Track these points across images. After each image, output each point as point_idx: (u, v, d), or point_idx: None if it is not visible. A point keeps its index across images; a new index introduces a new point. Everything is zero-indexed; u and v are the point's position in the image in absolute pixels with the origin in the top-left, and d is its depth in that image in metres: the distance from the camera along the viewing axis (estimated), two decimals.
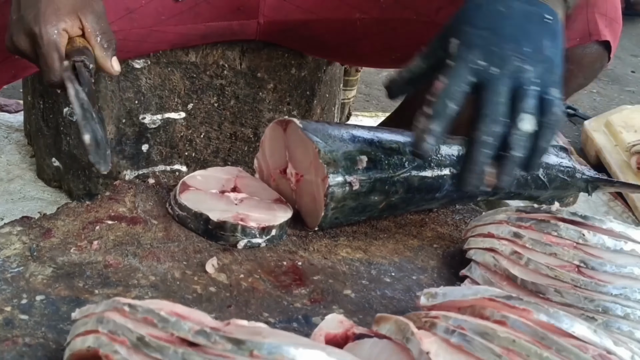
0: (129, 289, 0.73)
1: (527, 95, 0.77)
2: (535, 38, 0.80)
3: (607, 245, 0.78)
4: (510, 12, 0.80)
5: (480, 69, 0.77)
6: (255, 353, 0.50)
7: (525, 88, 0.77)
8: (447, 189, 0.96)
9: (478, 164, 0.77)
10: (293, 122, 0.92)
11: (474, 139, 0.77)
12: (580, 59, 1.08)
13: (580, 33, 1.06)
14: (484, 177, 0.78)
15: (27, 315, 0.66)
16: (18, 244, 0.77)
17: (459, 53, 0.78)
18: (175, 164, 1.42)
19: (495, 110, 0.76)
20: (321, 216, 0.89)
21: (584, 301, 0.75)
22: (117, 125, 1.32)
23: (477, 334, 0.59)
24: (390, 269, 0.87)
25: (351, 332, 0.65)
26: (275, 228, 0.88)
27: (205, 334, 0.51)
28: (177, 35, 1.19)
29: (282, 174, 0.96)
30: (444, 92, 0.77)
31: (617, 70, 2.80)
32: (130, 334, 0.52)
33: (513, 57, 0.78)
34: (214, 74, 1.35)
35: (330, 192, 0.87)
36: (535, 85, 0.78)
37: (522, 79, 0.78)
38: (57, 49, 0.85)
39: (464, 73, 0.77)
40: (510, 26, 0.80)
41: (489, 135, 0.76)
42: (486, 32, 0.79)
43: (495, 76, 0.77)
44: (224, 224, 0.85)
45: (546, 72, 0.79)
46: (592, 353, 0.59)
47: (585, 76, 1.12)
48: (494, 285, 0.80)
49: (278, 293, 0.78)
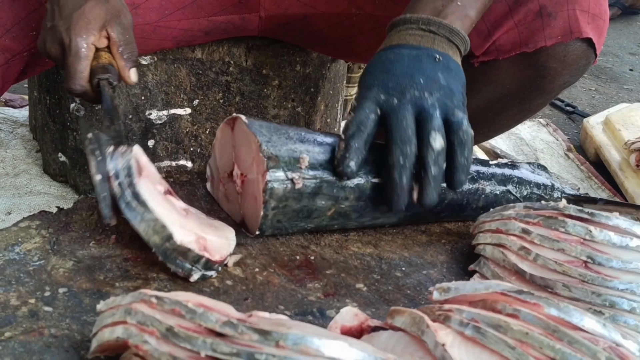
0: (148, 282, 0.75)
1: (431, 117, 0.84)
2: (429, 73, 0.87)
3: (614, 242, 0.80)
4: (400, 57, 0.88)
5: (381, 101, 0.85)
6: (281, 343, 0.51)
7: (428, 111, 0.84)
8: None
9: (398, 186, 0.83)
10: (239, 119, 0.87)
11: (389, 164, 0.83)
12: (563, 57, 1.09)
13: (561, 31, 1.07)
14: (408, 197, 0.83)
15: (51, 307, 0.68)
16: (38, 237, 0.78)
17: (360, 95, 0.87)
18: (181, 160, 1.43)
19: (404, 132, 0.83)
20: (261, 216, 0.83)
21: (591, 296, 0.77)
22: (123, 121, 1.33)
23: (491, 326, 0.61)
24: (400, 263, 0.89)
25: (366, 324, 0.67)
26: (230, 256, 0.82)
27: (232, 324, 0.53)
28: (181, 32, 1.20)
29: (229, 177, 0.92)
30: (353, 121, 0.84)
31: (615, 68, 2.82)
32: (159, 325, 0.53)
33: (410, 88, 0.85)
34: (220, 71, 1.36)
35: (270, 187, 0.82)
36: (436, 108, 0.84)
37: (423, 105, 0.84)
38: (83, 61, 0.89)
39: (368, 104, 0.85)
40: (402, 67, 0.87)
41: (403, 157, 0.82)
42: (381, 75, 0.87)
43: (397, 105, 0.84)
44: (189, 251, 0.75)
45: (445, 98, 0.86)
46: (602, 345, 0.60)
47: (570, 73, 1.12)
48: (503, 280, 0.82)
49: (292, 287, 0.80)
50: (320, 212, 0.87)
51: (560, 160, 1.94)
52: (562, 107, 2.35)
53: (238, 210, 0.90)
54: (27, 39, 1.05)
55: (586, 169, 1.89)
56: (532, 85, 1.13)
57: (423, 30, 0.90)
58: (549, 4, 1.06)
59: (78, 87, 0.89)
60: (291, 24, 1.26)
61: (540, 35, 1.07)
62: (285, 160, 0.83)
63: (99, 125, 0.84)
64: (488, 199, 1.00)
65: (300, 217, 0.86)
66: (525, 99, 1.17)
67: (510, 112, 1.22)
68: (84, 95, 0.92)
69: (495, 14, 1.09)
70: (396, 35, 0.91)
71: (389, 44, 0.91)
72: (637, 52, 3.07)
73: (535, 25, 1.07)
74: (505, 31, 1.09)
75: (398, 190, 0.83)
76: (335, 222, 0.90)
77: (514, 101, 1.18)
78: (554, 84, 1.12)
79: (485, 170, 1.00)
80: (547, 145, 2.02)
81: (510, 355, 0.59)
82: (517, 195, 1.03)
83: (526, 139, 2.03)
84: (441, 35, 0.90)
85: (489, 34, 1.10)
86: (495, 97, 1.18)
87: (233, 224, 0.89)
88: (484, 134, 1.33)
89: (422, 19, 0.90)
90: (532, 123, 2.14)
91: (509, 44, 1.10)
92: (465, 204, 0.98)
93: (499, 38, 1.10)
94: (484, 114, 1.20)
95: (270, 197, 0.82)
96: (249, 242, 0.87)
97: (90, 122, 1.02)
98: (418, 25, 0.91)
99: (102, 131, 0.81)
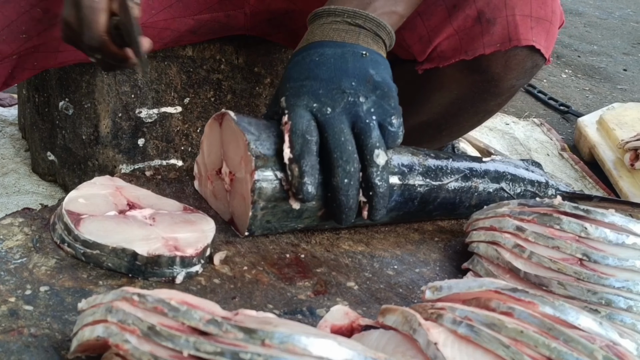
0: (132, 281, 0.73)
1: (370, 129, 0.80)
2: (359, 71, 0.83)
3: (610, 239, 0.79)
4: (325, 59, 0.84)
5: (314, 110, 0.80)
6: (267, 342, 0.49)
7: (364, 121, 0.80)
8: (396, 199, 0.90)
9: (346, 207, 0.80)
10: (227, 115, 0.85)
11: (334, 185, 0.79)
12: (505, 63, 1.05)
13: (500, 38, 1.03)
14: (355, 213, 0.81)
15: (31, 306, 0.66)
16: (20, 235, 0.76)
17: (290, 104, 0.81)
18: (172, 159, 1.41)
19: (344, 148, 0.79)
20: (249, 216, 0.81)
21: (586, 294, 0.75)
22: (113, 119, 1.32)
23: (485, 325, 0.60)
24: (392, 261, 0.87)
25: (357, 323, 0.65)
26: (209, 247, 0.79)
27: (217, 323, 0.51)
28: (168, 32, 1.19)
29: (218, 174, 0.90)
30: (296, 131, 0.79)
31: (609, 68, 2.81)
32: (140, 323, 0.51)
33: (343, 94, 0.81)
34: (211, 69, 1.34)
35: (258, 187, 0.79)
36: (373, 115, 0.81)
37: (358, 112, 0.80)
38: (98, 12, 0.87)
39: (302, 112, 0.80)
40: (329, 70, 0.83)
41: (348, 178, 0.79)
42: (308, 82, 0.82)
43: (331, 116, 0.80)
44: (159, 258, 0.73)
45: (382, 99, 0.82)
46: (599, 344, 0.59)
47: (516, 77, 1.07)
48: (497, 278, 0.81)
49: (282, 285, 0.78)
50: (311, 212, 0.84)
51: (554, 160, 1.93)
52: (556, 106, 2.34)
53: (227, 209, 0.88)
54: (16, 42, 1.03)
55: (580, 168, 1.88)
56: (480, 90, 1.10)
57: (348, 23, 0.86)
58: (487, 10, 1.02)
59: (95, 39, 0.87)
60: (276, 20, 1.24)
61: (479, 42, 1.03)
62: (274, 160, 0.80)
63: None
64: (481, 197, 0.99)
65: (291, 218, 0.84)
66: (476, 102, 1.14)
67: (467, 115, 1.19)
68: (103, 49, 0.89)
69: (435, 19, 1.06)
70: (319, 30, 0.87)
71: (312, 40, 0.87)
72: (630, 52, 3.07)
73: (474, 31, 1.04)
74: (446, 37, 1.06)
75: (346, 211, 0.80)
76: (326, 223, 0.88)
77: (467, 104, 1.14)
78: (500, 87, 1.09)
79: (478, 167, 0.98)
80: (541, 145, 2.00)
81: (504, 354, 0.57)
82: (511, 193, 1.01)
83: (520, 139, 2.02)
84: (367, 29, 0.87)
85: (430, 39, 1.07)
86: (446, 102, 1.15)
87: (222, 223, 0.87)
88: (449, 135, 1.30)
89: (348, 11, 0.87)
90: (526, 122, 2.13)
91: (450, 51, 1.06)
92: (458, 202, 0.96)
93: (440, 44, 1.07)
94: (442, 117, 1.18)
95: (259, 197, 0.80)
96: (238, 240, 0.85)
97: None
98: (343, 17, 0.87)
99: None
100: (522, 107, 2.26)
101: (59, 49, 1.10)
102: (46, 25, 1.05)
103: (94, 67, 1.28)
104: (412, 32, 1.07)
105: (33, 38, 1.05)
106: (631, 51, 3.08)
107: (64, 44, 0.95)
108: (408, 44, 1.10)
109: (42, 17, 1.04)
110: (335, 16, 0.87)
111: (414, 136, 0.99)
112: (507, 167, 1.03)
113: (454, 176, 0.95)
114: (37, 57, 1.09)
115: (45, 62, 1.11)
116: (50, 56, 1.11)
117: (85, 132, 1.34)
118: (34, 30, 1.04)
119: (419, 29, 1.06)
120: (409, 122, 0.86)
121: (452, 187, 0.94)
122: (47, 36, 1.06)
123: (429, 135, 1.24)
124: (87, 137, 1.34)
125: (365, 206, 0.81)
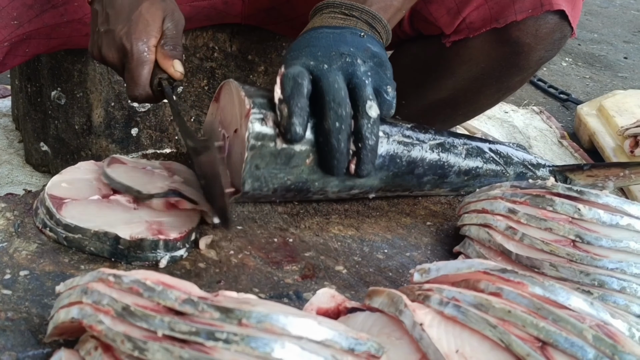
0: (115, 265, 0.71)
1: (364, 85, 0.80)
2: (357, 43, 0.84)
3: (603, 220, 0.77)
4: (324, 35, 0.85)
5: (311, 66, 0.81)
6: (244, 322, 0.48)
7: (360, 78, 0.80)
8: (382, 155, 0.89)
9: (338, 151, 0.79)
10: (223, 85, 0.87)
11: (325, 129, 0.79)
12: (536, 31, 1.06)
13: (531, 4, 1.04)
14: (347, 161, 0.80)
15: (10, 291, 0.65)
16: (2, 220, 0.75)
17: (287, 64, 0.82)
18: (165, 148, 1.40)
19: (337, 93, 0.79)
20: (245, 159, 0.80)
21: (579, 275, 0.74)
22: (106, 109, 1.31)
23: (472, 305, 0.58)
24: (383, 246, 0.86)
25: (343, 306, 0.64)
26: (194, 231, 0.78)
27: (193, 302, 0.49)
28: None
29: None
30: (288, 74, 0.79)
31: (609, 56, 2.79)
32: (115, 304, 0.50)
33: (340, 55, 0.82)
34: (204, 57, 1.33)
35: (252, 126, 0.79)
36: (369, 78, 0.81)
37: (355, 71, 0.81)
38: (146, 66, 0.87)
39: (297, 66, 0.80)
40: (327, 40, 0.84)
41: (339, 120, 0.78)
42: (306, 49, 0.84)
43: (327, 69, 0.81)
44: (142, 242, 0.72)
45: (378, 67, 0.83)
46: (589, 323, 0.57)
47: (545, 48, 1.09)
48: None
49: (269, 269, 0.77)
50: (299, 158, 0.83)
51: (553, 148, 1.91)
52: (555, 94, 2.32)
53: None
54: (7, 29, 1.02)
55: (580, 156, 1.87)
56: (508, 63, 1.11)
57: (345, 15, 0.89)
58: None
59: (142, 93, 0.87)
60: (275, 9, 1.22)
61: (511, 10, 1.05)
62: (265, 105, 0.81)
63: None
64: (471, 164, 0.98)
65: (279, 164, 0.82)
66: (502, 77, 1.15)
67: (489, 91, 1.19)
68: (147, 100, 0.90)
69: None
70: (318, 19, 0.89)
71: (311, 26, 0.89)
72: (631, 40, 3.05)
73: (504, 0, 1.05)
74: (475, 7, 1.06)
75: (337, 156, 0.80)
76: (315, 178, 0.85)
77: (491, 80, 1.15)
78: (529, 60, 1.10)
79: (469, 141, 0.99)
80: (541, 133, 1.99)
81: (491, 335, 0.56)
82: (501, 162, 1.01)
83: (519, 127, 2.00)
84: (363, 21, 0.88)
85: (459, 10, 1.07)
86: (471, 77, 1.15)
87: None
88: (464, 115, 1.31)
89: (345, 4, 0.89)
90: (526, 111, 2.12)
91: (479, 21, 1.07)
92: (447, 166, 0.95)
93: (469, 15, 1.07)
94: (462, 94, 1.18)
95: (251, 135, 0.80)
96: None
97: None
98: (341, 9, 0.89)
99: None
100: (522, 95, 2.24)
101: (51, 35, 1.09)
102: (37, 11, 1.04)
103: (85, 56, 1.26)
104: (440, 4, 1.09)
105: (24, 24, 1.04)
106: (632, 39, 3.06)
107: (56, 30, 0.94)
108: (435, 17, 1.10)
109: (34, 4, 1.03)
110: (333, 8, 0.90)
111: (429, 115, 0.98)
112: (497, 145, 1.04)
113: (439, 137, 0.95)
114: (28, 43, 1.08)
115: (37, 48, 1.11)
116: (42, 42, 1.10)
117: (77, 121, 1.32)
118: (25, 17, 1.03)
119: (446, 1, 1.07)
120: (428, 99, 0.85)
121: (438, 148, 0.94)
122: (39, 22, 1.05)
123: (445, 115, 1.25)
124: (79, 127, 1.33)
125: (354, 159, 0.81)
